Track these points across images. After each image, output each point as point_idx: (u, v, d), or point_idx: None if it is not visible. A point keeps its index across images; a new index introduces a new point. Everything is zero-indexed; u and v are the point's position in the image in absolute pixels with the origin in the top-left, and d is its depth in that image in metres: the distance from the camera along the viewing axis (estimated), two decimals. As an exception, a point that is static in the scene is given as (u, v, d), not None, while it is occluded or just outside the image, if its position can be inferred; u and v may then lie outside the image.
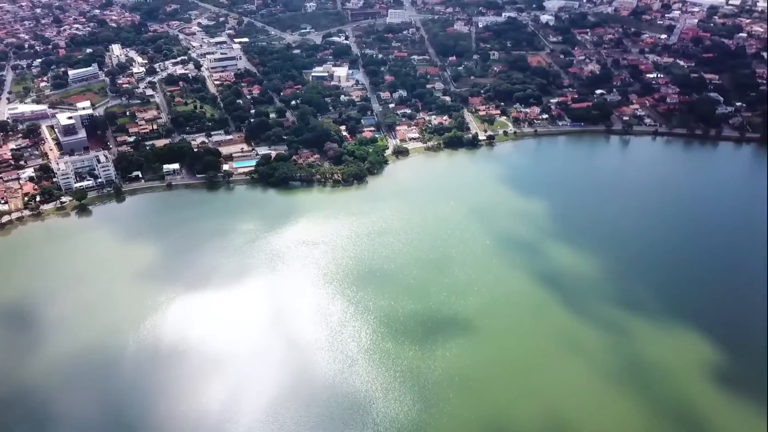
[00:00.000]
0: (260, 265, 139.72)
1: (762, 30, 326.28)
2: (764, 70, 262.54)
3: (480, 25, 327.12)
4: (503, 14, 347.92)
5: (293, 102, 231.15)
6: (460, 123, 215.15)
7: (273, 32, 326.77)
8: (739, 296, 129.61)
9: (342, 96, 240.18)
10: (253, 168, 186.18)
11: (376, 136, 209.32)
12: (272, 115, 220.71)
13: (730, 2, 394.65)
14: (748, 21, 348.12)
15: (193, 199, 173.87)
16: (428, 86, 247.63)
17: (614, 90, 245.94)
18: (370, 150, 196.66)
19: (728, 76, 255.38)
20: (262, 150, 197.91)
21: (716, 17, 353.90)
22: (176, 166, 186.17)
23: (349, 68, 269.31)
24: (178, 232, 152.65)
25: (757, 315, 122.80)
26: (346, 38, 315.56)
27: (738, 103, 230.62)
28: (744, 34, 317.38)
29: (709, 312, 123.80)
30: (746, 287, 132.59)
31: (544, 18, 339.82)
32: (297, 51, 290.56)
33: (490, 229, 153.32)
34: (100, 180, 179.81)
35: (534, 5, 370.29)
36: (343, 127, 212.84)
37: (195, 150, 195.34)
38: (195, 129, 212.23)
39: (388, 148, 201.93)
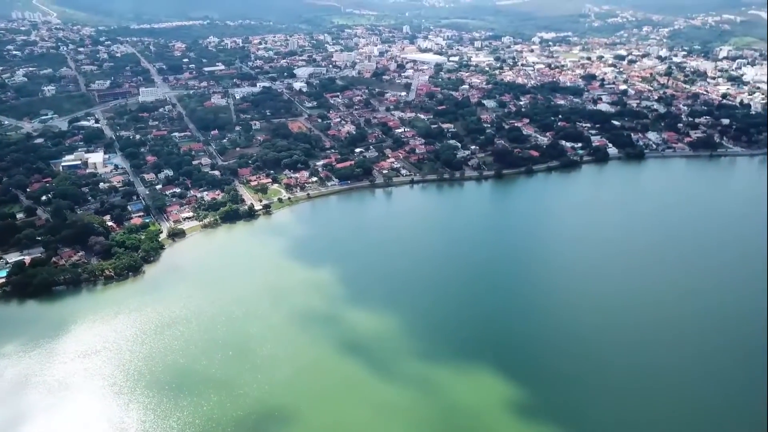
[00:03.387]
0: (30, 394, 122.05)
1: (478, 81, 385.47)
2: (487, 115, 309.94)
3: (237, 97, 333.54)
4: (258, 84, 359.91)
5: (44, 197, 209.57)
6: (233, 196, 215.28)
7: (7, 122, 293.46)
8: (522, 326, 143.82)
9: (101, 184, 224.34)
10: (4, 279, 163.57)
11: (147, 221, 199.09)
12: (20, 216, 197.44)
13: (450, 59, 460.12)
14: (467, 74, 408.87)
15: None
16: (195, 162, 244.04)
17: (371, 147, 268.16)
18: (143, 237, 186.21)
19: (461, 124, 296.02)
20: (13, 257, 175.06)
21: (442, 73, 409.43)
22: None
23: (105, 153, 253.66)
24: None
25: (539, 341, 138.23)
26: (97, 121, 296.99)
27: (473, 147, 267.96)
28: (467, 86, 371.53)
29: (499, 347, 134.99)
30: (526, 316, 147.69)
31: (297, 85, 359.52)
32: (40, 140, 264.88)
33: (283, 302, 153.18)
34: None
35: (285, 74, 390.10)
36: (107, 217, 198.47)
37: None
38: None
39: (162, 232, 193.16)
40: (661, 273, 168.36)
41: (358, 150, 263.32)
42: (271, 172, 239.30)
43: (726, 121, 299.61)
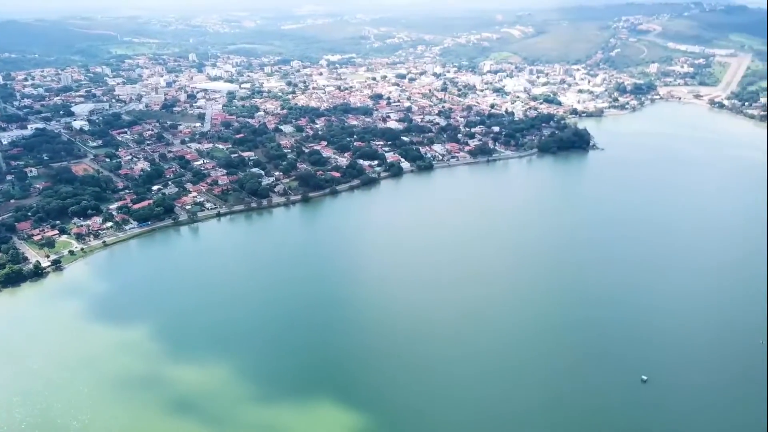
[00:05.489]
0: None
1: (273, 107, 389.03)
2: (286, 140, 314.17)
3: (5, 142, 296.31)
4: (29, 126, 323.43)
5: None
6: (13, 255, 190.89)
7: None
8: (355, 351, 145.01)
9: None
10: None
11: None
12: None
13: (242, 86, 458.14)
14: (261, 100, 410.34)
15: None
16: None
17: (170, 183, 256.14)
18: None
19: (261, 151, 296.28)
20: None
21: (236, 101, 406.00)
22: None
23: None
24: None
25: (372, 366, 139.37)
26: None
27: (276, 173, 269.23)
28: (262, 113, 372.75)
29: (336, 376, 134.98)
30: (358, 341, 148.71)
31: (77, 124, 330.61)
32: None
33: (91, 369, 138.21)
34: None
35: (62, 112, 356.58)
36: None
37: None
38: None
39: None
40: (478, 277, 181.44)
41: (155, 187, 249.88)
42: (58, 222, 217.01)
43: (496, 129, 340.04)
